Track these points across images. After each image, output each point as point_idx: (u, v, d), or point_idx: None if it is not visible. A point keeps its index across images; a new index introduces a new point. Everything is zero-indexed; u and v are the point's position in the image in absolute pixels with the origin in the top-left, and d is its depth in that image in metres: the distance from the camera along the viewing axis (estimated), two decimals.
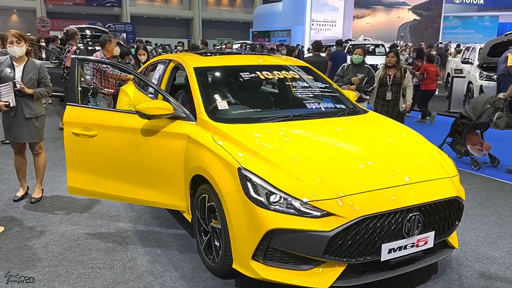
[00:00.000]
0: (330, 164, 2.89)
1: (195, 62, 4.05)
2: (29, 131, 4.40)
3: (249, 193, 2.71)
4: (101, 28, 13.79)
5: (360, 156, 3.03)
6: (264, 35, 30.20)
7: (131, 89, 5.34)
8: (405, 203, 2.68)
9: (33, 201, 4.54)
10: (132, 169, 3.69)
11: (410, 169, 2.97)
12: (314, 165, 2.84)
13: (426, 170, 3.00)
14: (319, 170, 2.80)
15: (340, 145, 3.18)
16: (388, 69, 6.40)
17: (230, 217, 2.81)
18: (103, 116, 3.74)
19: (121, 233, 3.87)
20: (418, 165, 3.04)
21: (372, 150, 3.14)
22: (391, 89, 6.33)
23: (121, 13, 39.30)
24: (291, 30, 28.29)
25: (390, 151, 3.17)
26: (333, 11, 31.56)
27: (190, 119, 3.52)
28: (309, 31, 28.53)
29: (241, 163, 2.84)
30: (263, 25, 32.17)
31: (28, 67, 4.31)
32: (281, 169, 2.79)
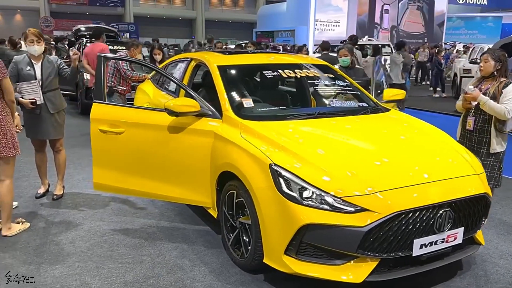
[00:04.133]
0: (359, 160, 2.93)
1: (218, 61, 4.09)
2: (53, 128, 4.44)
3: (282, 189, 2.75)
4: (110, 28, 13.83)
5: (388, 153, 3.07)
6: (268, 35, 30.16)
7: (149, 87, 5.37)
8: (436, 199, 2.72)
9: (55, 198, 4.58)
10: (158, 166, 3.74)
11: (439, 166, 3.02)
12: (344, 162, 2.89)
13: (455, 167, 3.04)
14: (349, 166, 2.84)
15: (367, 142, 3.22)
16: (484, 81, 3.99)
17: (262, 213, 2.85)
18: (130, 114, 3.79)
19: (146, 229, 3.91)
20: (447, 162, 3.08)
21: (400, 147, 3.18)
22: (475, 113, 3.92)
23: (124, 13, 39.33)
24: (295, 30, 28.27)
25: (418, 149, 3.21)
26: (337, 11, 31.53)
27: (216, 116, 3.57)
28: (313, 31, 28.51)
29: (272, 159, 2.88)
30: (267, 25, 32.14)
31: (45, 63, 4.36)
32: (312, 164, 2.83)
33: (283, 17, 30.09)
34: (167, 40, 37.12)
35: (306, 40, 27.48)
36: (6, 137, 3.53)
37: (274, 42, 25.77)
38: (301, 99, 4.23)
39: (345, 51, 5.46)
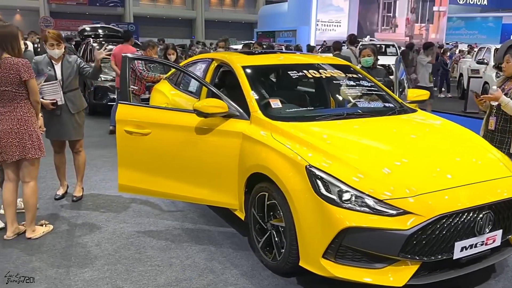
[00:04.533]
0: (395, 161, 2.90)
1: (242, 61, 4.05)
2: (73, 129, 4.40)
3: (320, 191, 2.71)
4: (115, 28, 13.74)
5: (426, 154, 3.04)
6: (269, 35, 30.20)
7: (166, 88, 5.32)
8: (478, 201, 2.69)
9: (75, 200, 4.53)
10: (185, 167, 3.70)
11: (477, 168, 2.99)
12: (382, 163, 2.86)
13: (492, 168, 3.02)
14: (387, 168, 2.81)
15: (401, 144, 3.18)
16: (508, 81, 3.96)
17: (298, 216, 2.81)
18: (156, 115, 3.75)
19: (171, 231, 3.87)
20: (483, 164, 3.06)
21: (435, 149, 3.15)
22: (497, 113, 3.89)
23: (124, 13, 39.27)
24: (297, 31, 28.30)
25: (454, 150, 3.18)
26: (338, 12, 31.51)
27: (244, 117, 3.53)
28: (315, 32, 28.53)
29: (307, 160, 2.84)
30: (268, 25, 32.18)
31: (65, 63, 4.31)
32: (349, 166, 2.80)
33: (285, 17, 30.12)
34: (167, 41, 37.13)
35: (308, 40, 27.49)
36: (32, 138, 3.49)
37: (275, 42, 25.74)
38: (326, 99, 4.19)
39: (368, 51, 5.30)
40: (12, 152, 3.44)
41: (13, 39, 3.37)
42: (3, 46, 3.34)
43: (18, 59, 3.38)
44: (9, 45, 3.35)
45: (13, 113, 3.43)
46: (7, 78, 3.34)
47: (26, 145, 3.46)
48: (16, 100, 3.43)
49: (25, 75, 3.38)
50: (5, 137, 3.42)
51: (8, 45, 3.35)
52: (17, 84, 3.38)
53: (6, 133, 3.42)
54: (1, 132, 3.42)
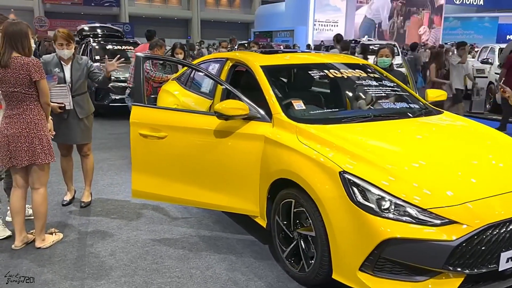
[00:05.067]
0: (436, 167, 2.73)
1: (260, 61, 3.87)
2: (81, 132, 4.21)
3: (356, 199, 2.54)
4: (114, 27, 13.50)
5: (463, 159, 2.88)
6: (267, 35, 29.97)
7: (175, 88, 5.14)
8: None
9: (83, 206, 4.34)
10: (203, 172, 3.52)
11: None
12: (420, 169, 2.70)
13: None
14: (427, 174, 2.65)
15: (436, 148, 3.02)
16: None
17: (331, 225, 2.64)
18: (172, 117, 3.56)
19: (187, 238, 3.69)
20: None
21: (472, 153, 3.00)
22: None
23: (120, 13, 38.94)
24: (294, 31, 28.13)
25: (491, 155, 3.03)
26: (335, 11, 31.42)
27: (265, 119, 3.36)
28: (312, 32, 28.39)
29: (341, 166, 2.68)
30: (265, 25, 31.96)
31: (75, 65, 4.12)
32: (386, 172, 2.63)
33: (282, 17, 29.93)
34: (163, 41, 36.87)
35: (306, 40, 27.36)
36: (42, 142, 3.29)
37: (273, 42, 25.57)
38: (349, 100, 4.02)
39: (387, 51, 5.04)
40: (21, 157, 3.25)
41: (23, 37, 3.17)
42: (12, 44, 3.14)
43: (29, 59, 3.18)
44: (19, 43, 3.16)
45: (22, 115, 3.23)
46: (17, 78, 3.15)
47: (36, 150, 3.27)
48: (26, 102, 3.23)
49: (36, 75, 3.18)
50: (14, 141, 3.23)
51: (18, 44, 3.15)
52: (27, 85, 3.19)
53: (15, 137, 3.22)
54: (10, 136, 3.23)
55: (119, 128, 8.06)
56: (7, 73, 3.15)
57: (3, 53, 3.14)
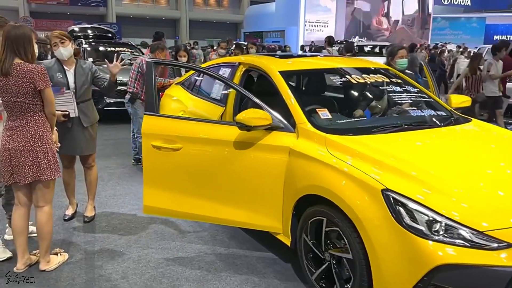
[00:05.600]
0: (483, 183, 2.53)
1: (278, 65, 3.64)
2: (86, 142, 3.93)
3: (403, 221, 2.32)
4: (106, 28, 13.14)
5: (508, 173, 2.67)
6: (257, 35, 29.75)
7: (180, 93, 4.88)
8: None
9: (87, 220, 4.05)
10: (221, 186, 3.27)
11: None
12: (469, 185, 2.48)
13: None
14: (478, 192, 2.44)
15: (478, 160, 2.81)
16: None
17: (374, 248, 2.41)
18: (188, 127, 3.30)
19: (203, 257, 3.44)
20: None
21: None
22: None
23: (107, 13, 38.37)
24: (285, 31, 27.96)
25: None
26: (326, 12, 31.34)
27: (289, 129, 3.13)
28: (303, 32, 28.25)
29: (383, 183, 2.45)
30: (255, 25, 31.73)
31: (79, 69, 3.84)
32: (434, 189, 2.41)
33: (272, 17, 29.74)
34: (150, 41, 36.43)
35: (297, 40, 27.21)
36: (47, 156, 3.01)
37: (265, 43, 25.37)
38: (374, 108, 3.80)
39: (405, 51, 4.74)
40: (25, 173, 2.96)
41: (27, 42, 2.89)
42: (14, 50, 2.86)
43: (32, 65, 2.90)
44: (22, 48, 2.87)
45: (26, 127, 2.95)
46: (20, 87, 2.86)
47: (41, 165, 2.98)
48: (29, 112, 2.95)
49: (41, 83, 2.90)
50: (16, 156, 2.94)
51: (20, 49, 2.87)
52: (31, 94, 2.91)
53: (18, 151, 2.93)
54: (12, 150, 2.94)
55: (116, 133, 7.75)
56: (8, 81, 2.86)
57: (4, 59, 2.86)
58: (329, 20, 31.63)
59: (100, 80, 3.91)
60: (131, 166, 5.89)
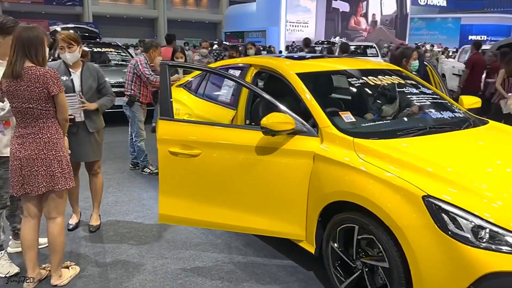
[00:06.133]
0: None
1: (294, 67, 3.54)
2: (91, 148, 3.76)
3: (448, 228, 2.25)
4: (90, 28, 12.79)
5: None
6: (238, 35, 29.66)
7: (182, 95, 4.73)
8: None
9: (93, 230, 3.87)
10: (242, 193, 3.16)
11: None
12: (508, 190, 2.43)
13: None
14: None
15: (510, 163, 2.78)
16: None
17: (415, 257, 2.34)
18: (207, 132, 3.17)
19: (221, 266, 3.31)
20: None
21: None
22: None
23: (83, 12, 37.61)
24: (266, 31, 27.95)
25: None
26: (306, 12, 31.49)
27: (312, 133, 3.03)
28: (285, 32, 28.29)
29: (422, 189, 2.38)
30: (235, 25, 31.62)
31: (85, 72, 3.67)
32: (476, 194, 2.35)
33: (253, 17, 29.70)
34: (128, 40, 35.84)
35: (278, 40, 27.22)
36: (61, 165, 2.84)
37: (246, 43, 25.27)
38: (393, 110, 3.74)
39: (416, 53, 4.73)
40: (38, 183, 2.78)
41: (39, 44, 2.71)
42: (26, 52, 2.67)
43: (45, 69, 2.73)
44: (34, 51, 2.69)
45: (39, 135, 2.77)
46: (32, 92, 2.68)
47: (55, 174, 2.81)
48: (42, 119, 2.77)
49: (54, 88, 2.73)
50: (28, 165, 2.76)
51: (32, 52, 2.69)
52: (44, 99, 2.73)
53: (31, 160, 2.75)
54: (24, 159, 2.75)
55: (109, 136, 7.41)
56: (20, 86, 2.68)
57: (15, 61, 2.67)
58: (309, 20, 31.78)
59: (105, 86, 3.75)
60: (129, 171, 5.70)
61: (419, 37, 37.41)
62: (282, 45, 26.54)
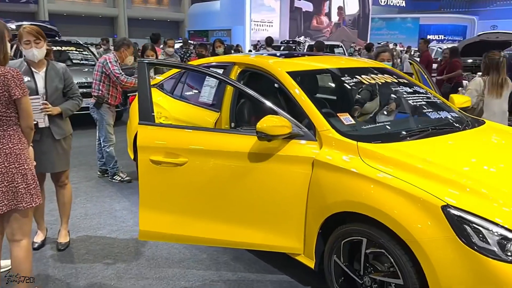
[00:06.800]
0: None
1: (284, 66, 3.28)
2: (57, 158, 3.35)
3: (472, 241, 2.05)
4: (49, 26, 12.03)
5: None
6: (202, 34, 29.16)
7: (156, 97, 4.35)
8: None
9: (62, 248, 3.47)
10: (233, 205, 2.86)
11: None
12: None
13: None
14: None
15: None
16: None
17: (435, 273, 2.12)
18: (194, 138, 2.86)
19: (211, 285, 3.01)
20: None
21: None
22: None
23: (38, 10, 36.05)
24: (232, 30, 27.60)
25: None
26: (270, 12, 31.38)
27: (309, 137, 2.78)
28: (250, 31, 28.04)
29: (441, 198, 2.16)
30: (199, 24, 31.08)
31: (50, 72, 3.28)
32: (498, 203, 2.16)
33: (218, 16, 29.31)
34: (88, 39, 34.65)
35: (244, 40, 26.95)
36: (26, 179, 2.45)
37: (209, 42, 24.88)
38: (387, 109, 3.53)
39: (388, 54, 4.59)
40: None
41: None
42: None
43: (6, 69, 2.34)
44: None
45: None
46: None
47: (19, 190, 2.42)
48: (3, 126, 2.38)
49: (17, 91, 2.34)
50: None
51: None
52: (5, 104, 2.34)
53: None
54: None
55: (76, 140, 6.97)
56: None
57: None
58: (273, 19, 31.70)
59: (71, 88, 3.37)
60: (97, 178, 5.27)
61: (380, 37, 38.09)
62: (248, 44, 26.29)
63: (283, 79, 3.11)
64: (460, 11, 41.40)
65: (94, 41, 26.72)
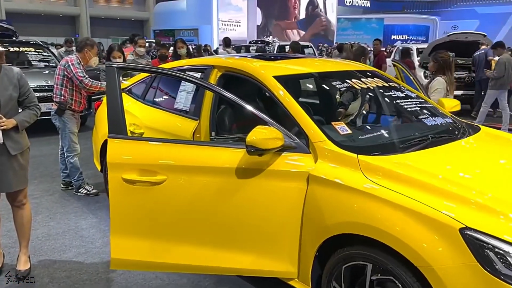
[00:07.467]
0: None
1: (269, 69, 3.00)
2: (15, 175, 2.95)
3: (496, 269, 1.82)
4: (6, 26, 11.27)
5: None
6: (168, 34, 28.52)
7: (124, 102, 3.98)
8: None
9: (21, 276, 3.06)
10: (220, 226, 2.55)
11: None
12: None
13: None
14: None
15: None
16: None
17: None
18: (173, 152, 2.52)
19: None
20: None
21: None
22: None
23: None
24: (199, 29, 27.13)
25: None
26: (237, 11, 31.16)
27: (302, 149, 2.50)
28: (217, 31, 27.67)
29: (459, 220, 1.92)
30: (165, 23, 30.44)
31: (3, 79, 2.87)
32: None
33: (184, 15, 28.81)
34: (47, 39, 33.38)
35: (211, 39, 26.56)
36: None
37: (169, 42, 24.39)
38: (386, 118, 3.30)
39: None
40: None
41: None
42: None
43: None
44: None
45: None
46: None
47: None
48: None
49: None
50: None
51: None
52: None
53: None
54: None
55: (33, 149, 6.45)
56: None
57: None
58: (241, 19, 31.50)
59: (28, 97, 2.96)
60: (60, 192, 4.82)
61: (346, 37, 38.49)
62: (216, 44, 25.91)
63: (269, 84, 2.82)
64: (422, 11, 42.32)
65: (54, 41, 25.69)
